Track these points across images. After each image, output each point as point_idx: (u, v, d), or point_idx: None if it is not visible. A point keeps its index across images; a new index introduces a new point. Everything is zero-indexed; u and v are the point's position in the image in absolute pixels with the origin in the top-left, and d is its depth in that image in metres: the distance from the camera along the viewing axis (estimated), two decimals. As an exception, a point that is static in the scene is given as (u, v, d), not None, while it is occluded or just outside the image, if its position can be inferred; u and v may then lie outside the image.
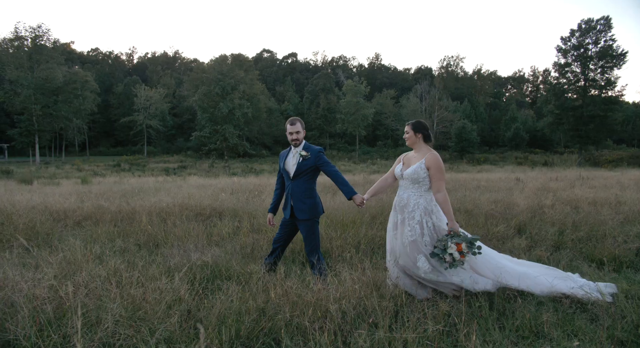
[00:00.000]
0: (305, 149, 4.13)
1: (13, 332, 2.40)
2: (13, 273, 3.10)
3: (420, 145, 3.78)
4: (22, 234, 5.67)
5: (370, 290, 3.60)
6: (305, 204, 4.07)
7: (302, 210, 4.06)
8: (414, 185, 3.69)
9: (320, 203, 4.23)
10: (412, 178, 3.68)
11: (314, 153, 4.10)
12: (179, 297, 3.26)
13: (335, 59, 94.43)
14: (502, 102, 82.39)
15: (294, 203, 4.09)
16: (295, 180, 4.12)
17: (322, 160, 4.09)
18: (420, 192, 3.68)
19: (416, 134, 3.77)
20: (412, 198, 3.69)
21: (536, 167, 34.99)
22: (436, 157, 3.66)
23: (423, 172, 3.63)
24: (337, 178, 4.03)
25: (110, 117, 68.14)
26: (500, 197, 8.60)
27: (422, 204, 3.65)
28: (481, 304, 3.41)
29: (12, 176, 28.27)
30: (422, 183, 3.66)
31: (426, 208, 3.65)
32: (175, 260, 4.00)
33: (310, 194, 4.13)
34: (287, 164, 4.20)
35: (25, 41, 48.89)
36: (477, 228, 6.28)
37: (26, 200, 7.73)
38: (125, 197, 9.12)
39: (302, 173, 4.10)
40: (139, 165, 44.69)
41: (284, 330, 3.06)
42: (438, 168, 3.61)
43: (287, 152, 4.27)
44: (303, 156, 4.08)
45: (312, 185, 4.17)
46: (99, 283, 3.12)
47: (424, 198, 3.67)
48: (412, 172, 3.67)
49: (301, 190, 4.10)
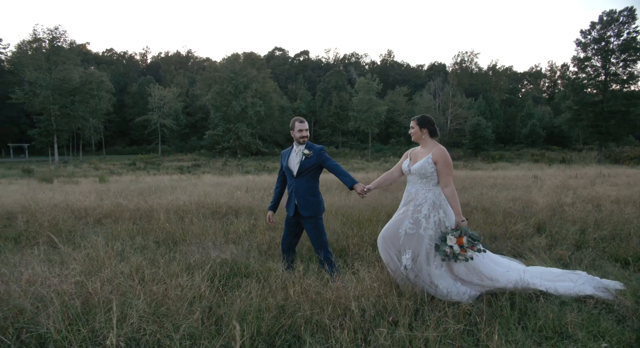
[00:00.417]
0: (307, 147, 4.22)
1: (45, 325, 2.46)
2: (42, 269, 3.18)
3: (427, 140, 3.77)
4: (46, 231, 5.81)
5: (390, 288, 3.59)
6: (309, 202, 4.15)
7: (306, 208, 4.14)
8: (422, 180, 3.69)
9: (322, 201, 4.31)
10: (419, 174, 3.68)
11: (315, 151, 4.20)
12: (199, 294, 3.31)
13: (348, 56, 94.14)
14: (518, 98, 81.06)
15: (298, 201, 4.17)
16: (299, 179, 4.20)
17: (323, 157, 4.20)
18: (428, 186, 3.68)
19: (422, 129, 3.75)
20: (421, 193, 3.69)
21: (553, 165, 34.35)
22: (443, 151, 3.65)
23: (430, 167, 3.62)
24: (338, 171, 4.11)
25: (125, 116, 69.19)
26: (518, 195, 8.48)
27: (430, 198, 3.65)
28: (502, 303, 3.38)
29: (33, 175, 28.96)
30: (430, 178, 3.66)
31: (434, 202, 3.64)
32: (195, 258, 4.05)
33: (314, 192, 4.21)
34: (290, 162, 4.27)
35: (43, 43, 49.88)
36: (495, 227, 6.21)
37: (48, 198, 7.91)
38: (142, 195, 9.26)
39: (305, 171, 4.18)
40: (153, 163, 45.29)
41: (304, 328, 3.07)
42: (445, 162, 3.60)
43: (289, 151, 4.36)
44: (306, 154, 4.16)
45: (315, 183, 4.26)
46: (122, 279, 3.17)
47: (432, 192, 3.66)
48: (419, 167, 3.67)
49: (305, 188, 4.18)
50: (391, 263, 3.75)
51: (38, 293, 2.76)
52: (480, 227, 6.18)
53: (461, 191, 9.47)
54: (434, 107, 65.00)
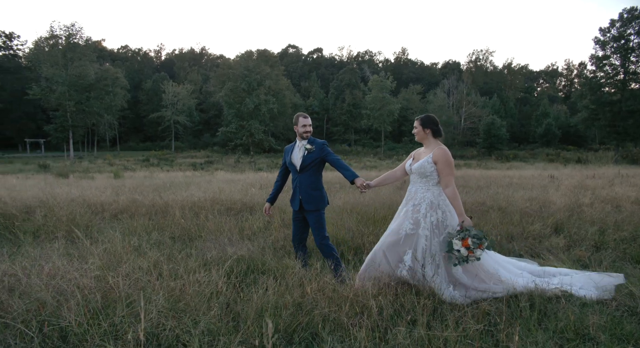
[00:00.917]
0: (310, 142, 4.28)
1: (66, 318, 2.49)
2: (62, 263, 3.22)
3: (430, 140, 3.76)
4: (64, 226, 5.90)
5: (408, 286, 3.56)
6: (312, 196, 4.22)
7: (310, 202, 4.21)
8: (422, 180, 3.69)
9: (326, 195, 4.38)
10: (419, 173, 3.69)
11: (318, 146, 4.26)
12: (216, 290, 3.31)
13: (361, 54, 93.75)
14: (533, 97, 79.81)
15: (302, 196, 4.23)
16: (302, 173, 4.27)
17: (325, 151, 4.26)
18: (427, 186, 3.67)
19: (424, 129, 3.74)
20: (420, 192, 3.69)
21: (569, 165, 33.76)
22: (444, 151, 3.62)
23: (430, 166, 3.62)
24: (339, 165, 4.14)
25: (139, 112, 69.97)
26: (534, 194, 8.34)
27: (428, 198, 3.63)
28: (522, 304, 3.32)
29: (49, 170, 29.53)
30: (430, 178, 3.65)
31: (432, 202, 3.62)
32: (212, 254, 4.06)
33: (317, 186, 4.27)
34: (294, 157, 4.34)
35: (59, 40, 50.72)
36: (512, 227, 6.13)
37: (65, 193, 8.04)
38: (157, 191, 9.36)
39: (308, 166, 4.24)
40: (167, 160, 45.74)
41: (322, 325, 3.06)
42: (446, 162, 3.58)
43: (292, 147, 4.43)
44: (308, 149, 4.23)
45: (318, 178, 4.32)
46: (141, 274, 3.20)
47: (431, 192, 3.65)
48: (419, 166, 3.68)
49: (308, 182, 4.24)
50: (386, 268, 3.69)
51: (59, 286, 2.79)
52: (496, 227, 6.10)
53: (476, 190, 9.36)
54: (447, 105, 64.41)
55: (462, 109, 64.43)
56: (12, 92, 54.59)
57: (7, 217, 6.18)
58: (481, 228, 6.07)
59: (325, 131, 71.23)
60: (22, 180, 15.71)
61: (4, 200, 6.83)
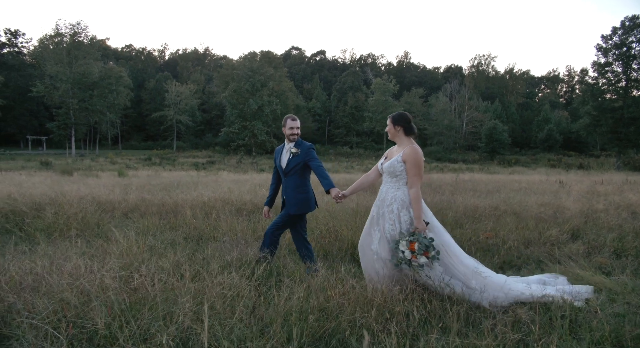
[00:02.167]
0: (297, 145, 4.27)
1: (92, 319, 2.41)
2: (83, 262, 3.14)
3: (401, 138, 3.67)
4: (74, 224, 5.82)
5: (435, 292, 3.48)
6: (296, 199, 4.22)
7: (293, 205, 4.21)
8: (392, 179, 3.63)
9: (312, 199, 4.36)
10: (389, 172, 3.62)
11: (304, 149, 4.24)
12: (238, 293, 3.23)
13: (364, 57, 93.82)
14: (535, 103, 79.85)
15: (286, 198, 4.27)
16: (288, 176, 4.27)
17: (310, 155, 4.22)
18: (397, 185, 3.61)
19: (395, 126, 3.66)
20: (390, 192, 3.62)
21: (571, 170, 33.69)
22: (414, 150, 3.54)
23: (400, 166, 3.55)
24: (319, 172, 4.11)
25: (142, 111, 69.89)
26: (546, 199, 8.26)
27: (399, 197, 3.57)
28: (552, 313, 3.24)
29: (51, 167, 29.41)
30: (400, 177, 3.58)
31: (403, 201, 3.55)
32: (233, 256, 3.98)
33: (303, 189, 4.27)
34: (282, 160, 4.36)
35: (64, 38, 50.70)
36: (528, 232, 6.05)
37: (74, 191, 7.95)
38: (165, 190, 9.27)
39: (292, 169, 4.24)
40: (169, 159, 45.63)
41: (349, 332, 2.98)
42: (414, 162, 3.51)
43: (281, 148, 4.44)
44: (293, 153, 4.23)
45: (304, 181, 4.30)
46: (163, 275, 3.11)
47: (401, 191, 3.58)
48: (389, 165, 3.62)
49: (294, 185, 4.24)
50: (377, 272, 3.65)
51: (83, 287, 2.71)
52: (512, 232, 6.02)
53: (487, 194, 9.28)
54: (449, 109, 64.42)
55: (464, 113, 64.42)
56: (15, 89, 54.52)
57: (18, 213, 6.10)
58: (497, 233, 6.01)
59: (327, 133, 71.17)
60: (25, 176, 15.62)
61: (14, 196, 6.74)
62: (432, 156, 55.27)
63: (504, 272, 4.88)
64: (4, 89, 49.91)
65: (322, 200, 7.53)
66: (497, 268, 5.00)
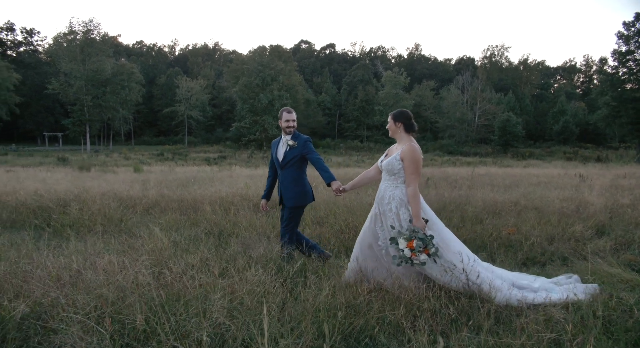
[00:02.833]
0: (294, 138, 4.26)
1: (130, 315, 2.45)
2: (116, 258, 3.19)
3: (401, 135, 3.66)
4: (99, 220, 5.92)
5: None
6: (293, 192, 4.23)
7: (289, 198, 4.24)
8: (391, 177, 3.63)
9: (310, 192, 4.36)
10: (387, 170, 3.64)
11: (301, 142, 4.24)
12: (265, 290, 3.25)
13: (374, 49, 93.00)
14: (550, 94, 78.41)
15: (283, 191, 4.30)
16: (284, 169, 4.27)
17: (307, 148, 4.22)
18: (396, 183, 3.61)
19: (396, 123, 3.66)
20: (388, 190, 3.63)
21: (588, 163, 33.10)
22: (412, 148, 3.54)
23: (398, 164, 3.56)
24: (319, 165, 4.11)
25: (153, 107, 70.49)
26: (568, 194, 8.13)
27: (397, 195, 3.57)
28: (584, 312, 3.19)
29: (67, 163, 29.92)
30: (398, 175, 3.59)
31: (401, 199, 3.56)
32: (258, 252, 4.00)
33: (299, 182, 4.27)
34: (278, 152, 4.35)
35: (77, 35, 51.29)
36: (551, 227, 5.96)
37: (95, 187, 8.08)
38: (183, 186, 9.36)
39: (289, 162, 4.24)
40: (180, 154, 46.01)
41: (378, 328, 2.98)
42: (411, 160, 3.50)
43: (278, 141, 4.44)
44: (290, 145, 4.23)
45: (300, 174, 4.30)
46: (194, 272, 3.15)
47: (399, 189, 3.59)
48: (387, 163, 3.63)
49: (290, 178, 4.25)
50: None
51: (119, 283, 2.75)
52: (535, 228, 5.94)
53: (506, 189, 9.17)
54: (461, 102, 63.63)
55: (477, 106, 63.56)
56: (32, 87, 55.49)
57: (44, 209, 6.23)
58: (519, 229, 5.94)
59: (337, 127, 70.97)
60: (43, 172, 15.91)
61: (40, 192, 6.88)
62: (444, 150, 54.78)
63: (528, 269, 4.83)
64: (21, 86, 50.84)
65: (341, 197, 7.52)
66: (520, 265, 4.96)
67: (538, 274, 4.49)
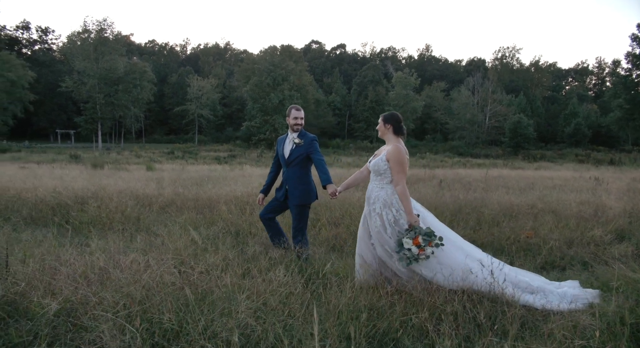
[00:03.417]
0: (301, 136, 4.31)
1: (158, 315, 2.47)
2: (140, 257, 3.21)
3: (390, 137, 3.76)
4: (116, 218, 5.97)
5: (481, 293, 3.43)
6: (298, 190, 4.28)
7: (295, 196, 4.28)
8: (377, 178, 3.72)
9: (314, 190, 4.42)
10: (374, 170, 3.73)
11: (307, 140, 4.29)
12: (291, 291, 3.25)
13: (384, 50, 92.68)
14: (561, 96, 77.43)
15: (289, 189, 4.32)
16: (290, 167, 4.32)
17: (312, 147, 4.29)
18: (381, 184, 3.70)
19: (385, 124, 3.76)
20: (374, 191, 3.72)
21: (601, 166, 32.62)
22: (398, 149, 3.63)
23: (384, 164, 3.64)
24: (320, 167, 4.17)
25: (164, 106, 71.01)
26: (585, 197, 8.03)
27: (382, 197, 3.66)
28: (610, 319, 3.14)
29: (80, 160, 30.25)
30: (384, 176, 3.67)
31: (385, 200, 3.64)
32: (278, 252, 4.01)
33: (305, 180, 4.33)
34: (284, 149, 4.39)
35: (91, 34, 51.91)
36: (569, 231, 5.89)
37: (112, 185, 8.16)
38: (197, 185, 9.41)
39: (295, 159, 4.29)
40: (191, 152, 46.25)
41: (402, 331, 2.97)
42: (397, 161, 3.59)
43: (284, 138, 4.49)
44: (297, 143, 4.28)
45: (306, 172, 4.36)
46: (219, 272, 3.16)
47: (384, 190, 3.67)
48: (374, 164, 3.73)
49: (296, 176, 4.30)
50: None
51: (145, 282, 2.77)
52: (553, 231, 5.88)
53: (520, 192, 9.08)
54: (472, 103, 63.15)
55: (487, 107, 63.03)
56: (46, 85, 56.30)
57: (62, 206, 6.30)
58: (537, 233, 5.88)
59: (347, 127, 70.87)
60: (58, 169, 16.11)
61: (58, 190, 6.97)
62: (454, 151, 54.39)
63: (547, 273, 4.78)
64: (35, 84, 51.58)
65: (353, 196, 7.51)
66: (539, 268, 4.90)
67: (558, 279, 4.44)
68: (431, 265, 3.57)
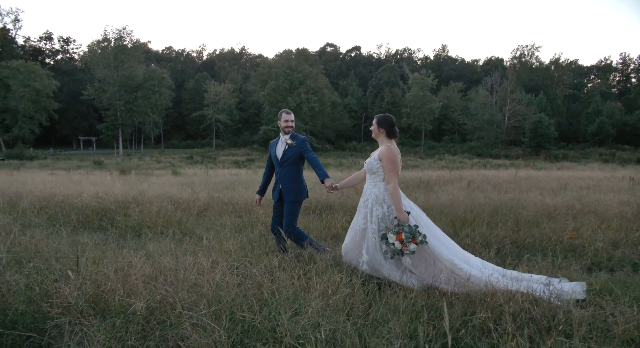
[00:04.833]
0: (292, 137, 4.53)
1: (234, 314, 2.55)
2: (204, 260, 3.31)
3: (382, 139, 3.93)
4: (159, 222, 6.13)
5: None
6: (292, 188, 4.50)
7: (289, 193, 4.50)
8: (371, 176, 3.89)
9: (305, 188, 4.67)
10: (368, 169, 3.91)
11: (299, 141, 4.52)
12: (350, 291, 3.30)
13: (400, 51, 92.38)
14: (583, 94, 75.82)
15: (283, 188, 4.52)
16: (283, 167, 4.53)
17: (304, 147, 4.51)
18: (375, 182, 3.86)
19: (379, 128, 3.92)
20: (369, 188, 3.89)
21: (627, 165, 31.81)
22: (389, 149, 3.80)
23: (376, 163, 3.82)
24: (314, 163, 4.37)
25: (182, 111, 72.18)
26: (624, 198, 7.88)
27: (374, 193, 3.82)
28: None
29: (103, 167, 31.00)
30: (377, 174, 3.84)
31: (377, 197, 3.79)
32: (330, 255, 4.07)
33: (298, 179, 4.57)
34: (277, 151, 4.61)
35: (111, 43, 53.27)
36: (612, 232, 5.79)
37: (149, 190, 8.36)
38: (228, 188, 9.56)
39: (288, 160, 4.50)
40: (210, 157, 46.98)
41: (464, 331, 2.98)
42: (388, 160, 3.75)
43: (276, 141, 4.71)
44: (289, 144, 4.49)
45: (298, 171, 4.60)
46: (280, 273, 3.24)
47: (377, 188, 3.83)
48: (367, 163, 3.91)
49: (289, 176, 4.52)
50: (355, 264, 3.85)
51: (216, 282, 2.86)
52: (596, 232, 5.79)
53: (555, 193, 8.95)
54: (490, 103, 62.37)
55: (506, 107, 62.17)
56: (68, 93, 57.99)
57: (106, 211, 6.50)
58: (581, 233, 5.80)
59: (364, 130, 70.78)
60: (83, 175, 16.56)
61: (100, 195, 7.19)
62: (472, 152, 53.80)
63: (595, 274, 4.71)
64: (59, 93, 53.13)
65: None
66: (585, 270, 4.84)
67: (606, 280, 4.38)
68: (420, 265, 3.67)
